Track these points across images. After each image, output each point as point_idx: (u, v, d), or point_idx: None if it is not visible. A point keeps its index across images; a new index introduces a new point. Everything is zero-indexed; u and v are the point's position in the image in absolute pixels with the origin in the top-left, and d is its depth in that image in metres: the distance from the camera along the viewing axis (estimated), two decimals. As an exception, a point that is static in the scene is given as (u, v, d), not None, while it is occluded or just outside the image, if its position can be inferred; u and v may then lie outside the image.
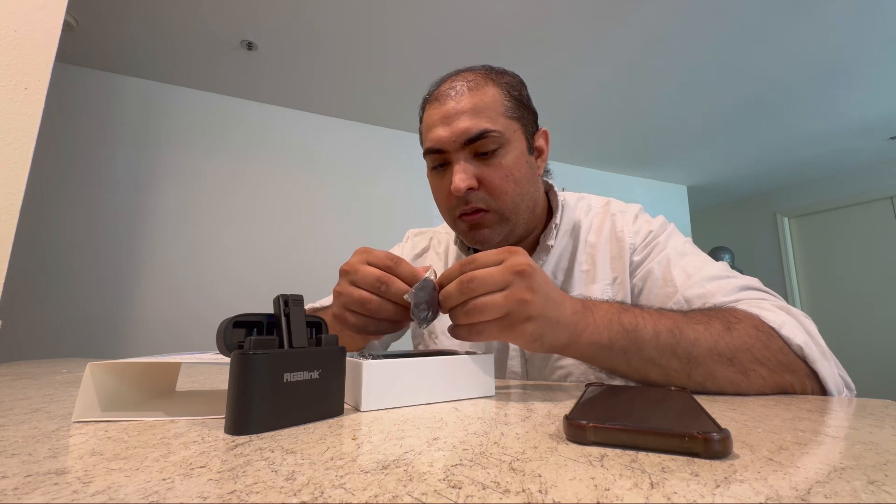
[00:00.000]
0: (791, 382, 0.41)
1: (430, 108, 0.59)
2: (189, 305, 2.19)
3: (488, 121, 0.55)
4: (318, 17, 1.84)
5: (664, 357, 0.40)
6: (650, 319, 0.41)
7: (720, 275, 0.53)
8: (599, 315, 0.40)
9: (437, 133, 0.56)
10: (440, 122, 0.56)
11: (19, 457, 0.21)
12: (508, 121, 0.57)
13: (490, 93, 0.57)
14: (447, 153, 0.56)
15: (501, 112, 0.56)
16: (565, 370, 0.58)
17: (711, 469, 0.19)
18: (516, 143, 0.57)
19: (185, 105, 2.35)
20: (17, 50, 0.88)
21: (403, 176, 2.83)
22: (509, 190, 0.56)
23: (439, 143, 0.56)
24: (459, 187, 0.54)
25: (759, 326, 0.42)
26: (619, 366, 0.42)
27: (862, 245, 3.50)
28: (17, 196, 0.84)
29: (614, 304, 0.42)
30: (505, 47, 2.00)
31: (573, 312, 0.39)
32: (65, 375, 0.55)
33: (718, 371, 0.40)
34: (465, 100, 0.56)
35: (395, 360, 0.34)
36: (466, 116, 0.55)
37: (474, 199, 0.56)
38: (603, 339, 0.40)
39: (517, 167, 0.57)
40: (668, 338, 0.40)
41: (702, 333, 0.41)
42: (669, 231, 0.61)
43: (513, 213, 0.58)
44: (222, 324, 0.29)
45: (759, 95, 2.44)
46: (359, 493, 0.16)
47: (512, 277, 0.36)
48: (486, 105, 0.56)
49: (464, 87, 0.57)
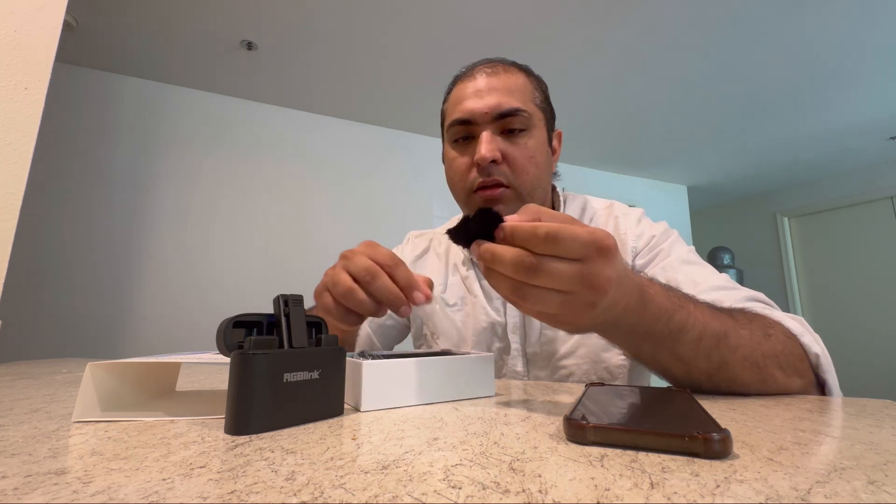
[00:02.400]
0: (798, 386, 0.41)
1: (461, 82, 0.60)
2: (189, 305, 2.19)
3: (519, 101, 0.57)
4: (318, 17, 1.84)
5: (697, 358, 0.39)
6: (700, 321, 0.38)
7: (726, 286, 0.53)
8: (651, 311, 0.36)
9: (467, 105, 0.57)
10: (473, 94, 0.57)
11: (19, 457, 0.21)
12: (536, 108, 0.59)
13: (523, 80, 0.59)
14: (474, 125, 0.57)
15: (531, 99, 0.59)
16: (567, 370, 0.58)
17: (711, 469, 0.19)
18: (540, 130, 0.59)
19: (185, 105, 2.35)
20: (17, 50, 0.88)
21: (403, 176, 2.83)
22: (531, 170, 0.57)
23: (469, 115, 0.57)
24: (486, 156, 0.54)
25: (787, 333, 0.43)
26: (644, 355, 0.40)
27: (862, 245, 3.50)
28: (17, 196, 0.84)
29: (671, 298, 0.38)
30: (505, 47, 1.99)
31: (625, 307, 0.34)
32: (65, 375, 0.55)
33: (740, 377, 0.39)
34: (498, 79, 0.57)
35: (395, 360, 0.34)
36: (499, 93, 0.56)
37: (496, 172, 0.56)
38: (641, 332, 0.37)
39: (539, 152, 0.58)
40: (710, 342, 0.38)
41: (745, 340, 0.40)
42: (673, 238, 0.61)
43: (529, 195, 0.58)
44: (222, 324, 0.29)
45: (759, 95, 2.44)
46: (359, 493, 0.16)
47: (593, 253, 0.30)
48: (519, 88, 0.58)
49: (498, 68, 0.59)
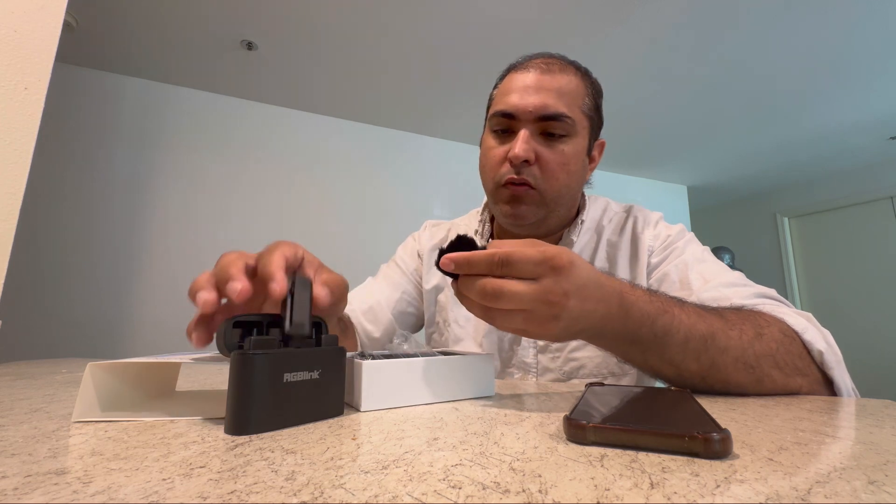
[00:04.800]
0: (801, 385, 0.41)
1: (515, 72, 0.60)
2: (189, 305, 2.17)
3: (566, 106, 0.56)
4: (318, 17, 1.83)
5: (686, 361, 0.39)
6: (686, 323, 0.39)
7: (737, 282, 0.53)
8: (633, 318, 0.38)
9: (513, 99, 0.57)
10: (521, 89, 0.57)
11: (19, 457, 0.21)
12: (582, 115, 0.58)
13: (575, 82, 0.58)
14: (516, 121, 0.57)
15: (579, 105, 0.58)
16: (578, 362, 0.58)
17: (711, 469, 0.19)
18: (581, 138, 0.58)
19: (185, 105, 2.35)
20: (17, 50, 0.88)
21: (403, 176, 2.83)
22: (561, 177, 0.57)
23: (513, 109, 0.56)
24: (519, 155, 0.54)
25: (784, 331, 0.42)
26: (635, 360, 0.41)
27: (862, 245, 3.50)
28: (17, 196, 0.84)
29: (654, 302, 0.39)
30: (505, 48, 1.99)
31: (604, 315, 0.36)
32: (65, 375, 0.55)
33: (733, 378, 0.39)
34: (551, 78, 0.56)
35: (395, 360, 0.34)
36: (548, 93, 0.56)
37: (526, 172, 0.56)
38: (627, 339, 0.38)
39: (575, 160, 0.58)
40: (698, 344, 0.39)
41: (734, 341, 0.40)
42: (688, 238, 0.62)
43: (554, 201, 0.58)
44: (222, 324, 0.29)
45: (759, 95, 2.44)
46: (359, 494, 0.16)
47: (546, 272, 0.33)
48: (569, 91, 0.57)
49: (554, 66, 0.58)
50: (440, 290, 0.71)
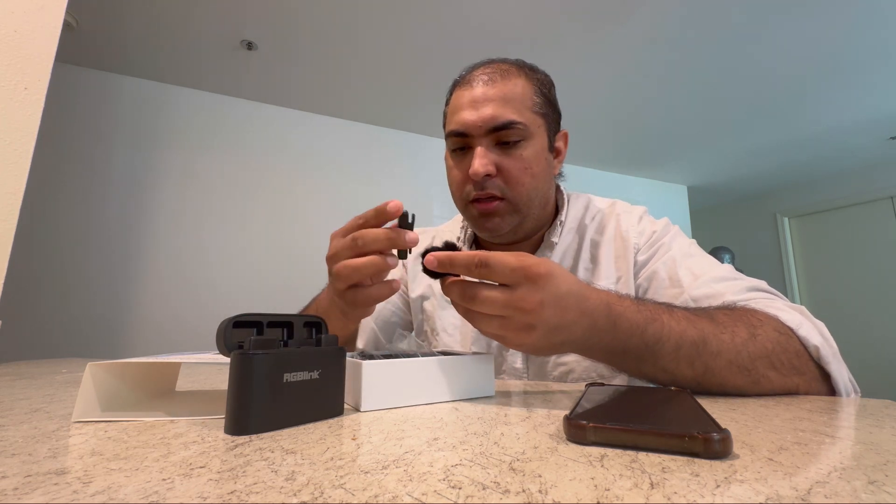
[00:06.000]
0: (798, 384, 0.41)
1: (459, 90, 0.60)
2: (189, 305, 2.19)
3: (515, 112, 0.56)
4: (318, 17, 1.83)
5: (679, 367, 0.39)
6: (676, 330, 0.39)
7: (727, 276, 0.52)
8: (622, 329, 0.37)
9: (462, 116, 0.56)
10: (468, 105, 0.56)
11: (19, 457, 0.21)
12: (534, 116, 0.57)
13: (521, 85, 0.57)
14: (470, 137, 0.57)
15: (529, 106, 0.57)
16: (567, 367, 0.58)
17: (711, 469, 0.19)
18: (538, 138, 0.58)
19: (185, 105, 2.35)
20: (17, 50, 0.88)
21: (403, 176, 2.83)
22: (526, 182, 0.57)
23: (464, 127, 0.56)
24: (478, 171, 0.54)
25: (779, 329, 0.42)
26: (629, 369, 0.41)
27: (862, 245, 3.50)
28: (17, 196, 0.84)
29: (642, 311, 0.39)
30: (505, 48, 1.99)
31: (589, 328, 0.36)
32: (65, 375, 0.55)
33: (730, 381, 0.39)
34: (495, 88, 0.56)
35: (395, 360, 0.34)
36: (494, 104, 0.55)
37: (490, 185, 0.56)
38: (617, 350, 0.38)
39: (536, 161, 0.57)
40: (689, 350, 0.39)
41: (726, 344, 0.39)
42: (674, 233, 0.61)
43: (525, 206, 0.58)
44: (222, 324, 0.29)
45: (759, 95, 2.44)
46: (359, 494, 0.16)
47: (521, 279, 0.34)
48: (515, 96, 0.56)
49: (496, 75, 0.57)
50: (426, 298, 0.71)
